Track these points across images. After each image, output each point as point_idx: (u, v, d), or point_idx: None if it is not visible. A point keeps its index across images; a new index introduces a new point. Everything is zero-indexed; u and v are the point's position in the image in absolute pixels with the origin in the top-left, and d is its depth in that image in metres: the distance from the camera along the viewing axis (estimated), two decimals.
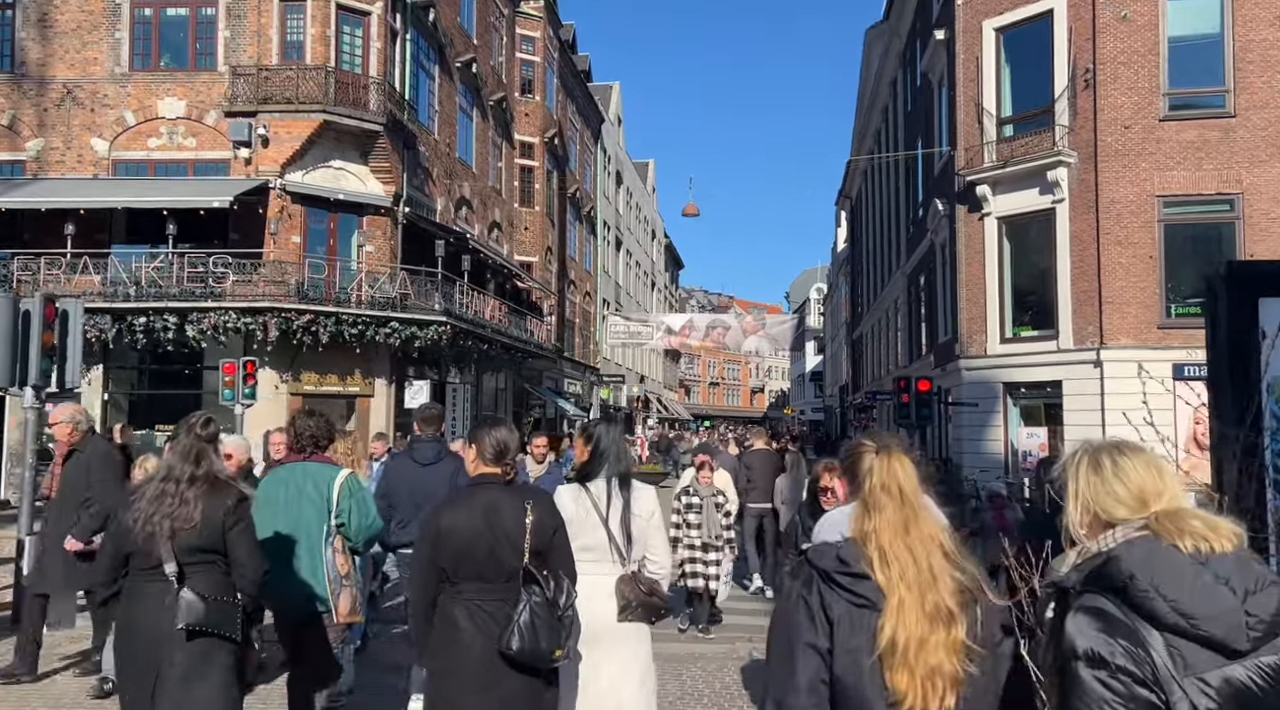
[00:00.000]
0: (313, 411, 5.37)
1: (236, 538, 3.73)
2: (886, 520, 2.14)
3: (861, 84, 41.70)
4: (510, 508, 3.39)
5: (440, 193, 24.37)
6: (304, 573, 4.84)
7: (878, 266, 38.50)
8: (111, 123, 19.97)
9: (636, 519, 3.92)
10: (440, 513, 3.43)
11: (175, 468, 3.74)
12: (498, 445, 3.53)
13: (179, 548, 3.62)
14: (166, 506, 3.63)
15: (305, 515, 4.90)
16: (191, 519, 3.63)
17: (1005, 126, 20.16)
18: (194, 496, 3.67)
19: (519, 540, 3.33)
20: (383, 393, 21.05)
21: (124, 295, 18.52)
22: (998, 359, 19.76)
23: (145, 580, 3.65)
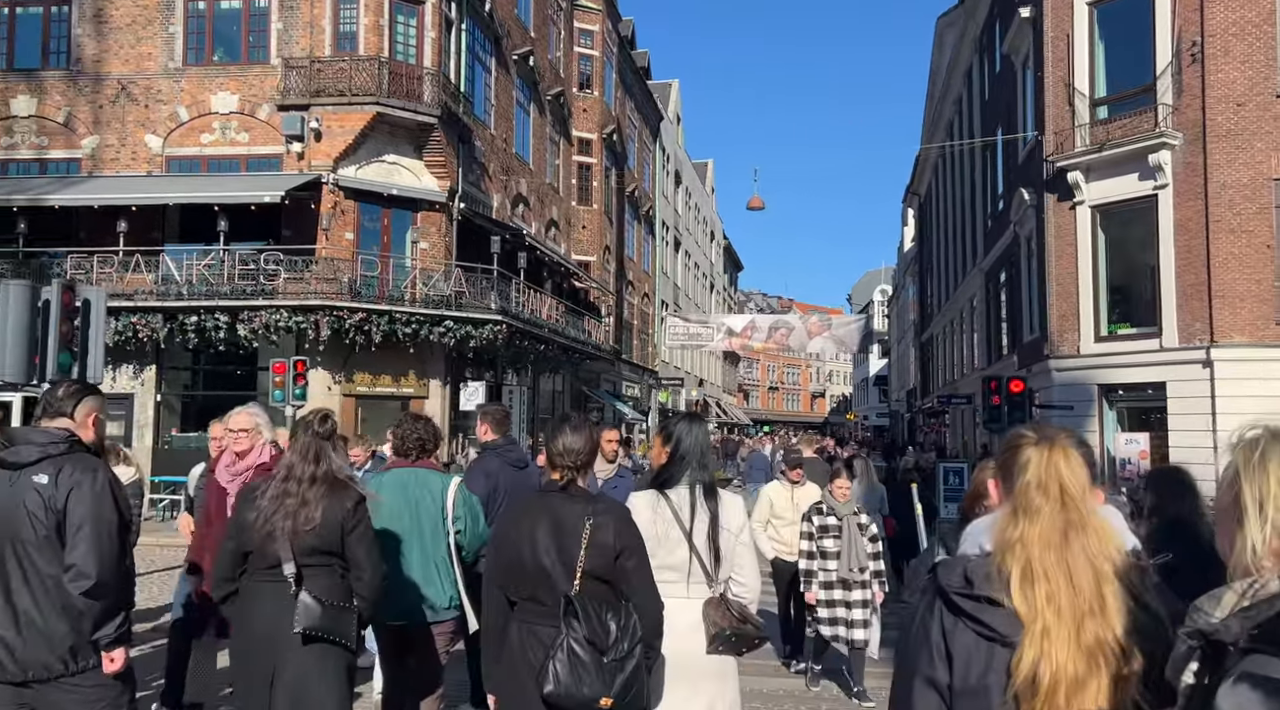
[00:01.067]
0: (418, 415, 5.17)
1: (356, 541, 3.60)
2: (1039, 528, 1.75)
3: (931, 76, 40.11)
4: (571, 522, 3.00)
5: (496, 189, 23.66)
6: (417, 580, 4.73)
7: (950, 265, 36.85)
8: (165, 119, 19.63)
9: (725, 534, 3.39)
10: (502, 522, 3.23)
11: (295, 467, 3.61)
12: (562, 449, 3.14)
13: (298, 549, 3.51)
14: (287, 506, 3.52)
15: (421, 522, 4.77)
16: (312, 520, 3.52)
17: (1099, 108, 18.68)
18: (314, 497, 3.55)
19: (573, 561, 2.95)
20: (437, 394, 20.36)
21: (176, 294, 18.11)
22: (1092, 359, 18.28)
23: (263, 580, 3.55)
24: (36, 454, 3.30)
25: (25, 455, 3.31)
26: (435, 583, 4.73)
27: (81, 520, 3.24)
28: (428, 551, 4.73)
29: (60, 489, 3.26)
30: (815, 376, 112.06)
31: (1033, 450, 1.87)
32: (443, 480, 4.88)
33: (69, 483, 3.28)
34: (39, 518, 3.23)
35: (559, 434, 3.17)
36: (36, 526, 3.23)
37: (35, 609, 3.24)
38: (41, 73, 19.94)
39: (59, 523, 3.24)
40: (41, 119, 19.86)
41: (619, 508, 3.18)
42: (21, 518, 3.24)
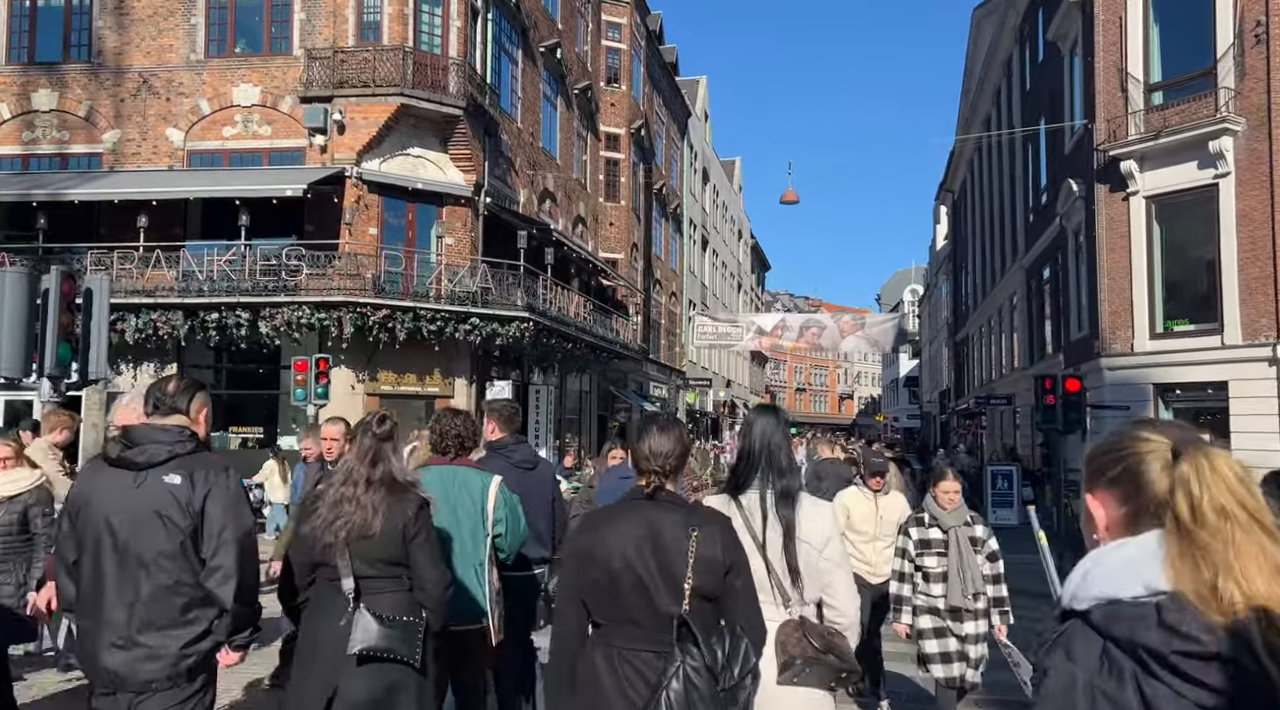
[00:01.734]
0: (456, 410, 4.83)
1: (419, 549, 3.34)
2: (1247, 561, 1.28)
3: (967, 69, 39.15)
4: (672, 533, 2.66)
5: (523, 184, 23.11)
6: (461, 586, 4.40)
7: (986, 262, 35.87)
8: (187, 112, 19.25)
9: (805, 547, 3.01)
10: (581, 532, 2.84)
11: (354, 470, 3.37)
12: (649, 452, 2.79)
13: (358, 560, 3.26)
14: (344, 514, 3.27)
15: (461, 524, 4.42)
16: (371, 527, 3.26)
17: (1154, 93, 17.80)
18: (374, 503, 3.29)
19: (679, 578, 2.61)
20: (463, 393, 19.81)
21: (197, 290, 17.70)
22: (1147, 357, 17.41)
23: (331, 591, 3.30)
24: (165, 453, 3.10)
25: (154, 455, 3.10)
26: (475, 588, 4.43)
27: (223, 523, 3.11)
28: (467, 555, 4.40)
29: (197, 491, 3.10)
30: (843, 378, 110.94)
31: (1168, 459, 1.40)
32: (483, 480, 4.51)
33: (205, 484, 3.12)
34: (173, 522, 3.06)
35: (645, 435, 2.82)
36: (170, 531, 3.06)
37: (154, 618, 3.06)
38: (63, 66, 19.62)
39: (195, 527, 3.09)
40: (62, 113, 19.54)
41: (721, 518, 2.80)
42: (152, 522, 3.05)
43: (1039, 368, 25.37)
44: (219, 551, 3.11)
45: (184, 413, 3.26)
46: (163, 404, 3.25)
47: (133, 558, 3.04)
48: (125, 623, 3.04)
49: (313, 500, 3.42)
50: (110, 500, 3.08)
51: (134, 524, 3.05)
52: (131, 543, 3.04)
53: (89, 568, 3.11)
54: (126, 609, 3.04)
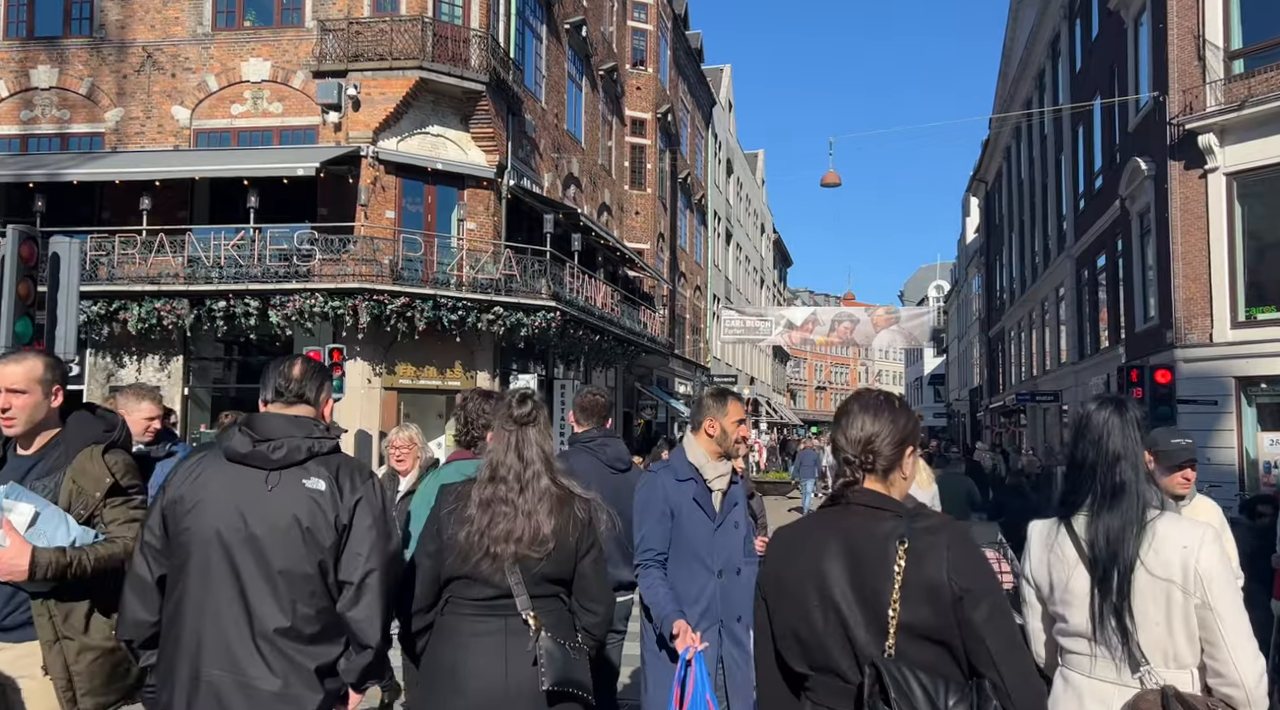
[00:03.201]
0: (488, 392, 3.95)
1: (591, 566, 2.76)
2: None
3: (1004, 55, 37.72)
4: (873, 547, 1.91)
5: (547, 168, 21.90)
6: None
7: (1026, 254, 34.42)
8: (193, 88, 18.14)
9: (1165, 588, 2.19)
10: (771, 555, 2.10)
11: (500, 464, 2.72)
12: (853, 439, 2.04)
13: (527, 576, 2.65)
14: (506, 519, 2.65)
15: None
16: (543, 538, 2.65)
17: (1235, 61, 16.41)
18: (540, 506, 2.68)
19: (881, 607, 1.87)
20: (486, 387, 18.59)
21: (204, 277, 16.59)
22: (1227, 347, 16.04)
23: (473, 618, 2.66)
24: (305, 451, 2.54)
25: (294, 452, 2.53)
26: None
27: (373, 541, 2.53)
28: None
29: (344, 499, 2.53)
30: (864, 376, 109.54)
31: None
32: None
33: (354, 492, 2.55)
34: (317, 537, 2.49)
35: (844, 415, 2.12)
36: (310, 548, 2.48)
37: (288, 658, 2.45)
38: (63, 41, 18.56)
39: (338, 545, 2.51)
40: (63, 91, 18.48)
41: (953, 526, 1.99)
42: (290, 533, 2.47)
43: (1092, 362, 23.98)
44: (368, 577, 2.49)
45: (311, 403, 2.67)
46: (284, 390, 2.65)
47: (260, 579, 2.45)
48: (244, 664, 2.42)
49: (453, 502, 2.73)
50: (232, 505, 2.46)
51: (271, 535, 2.46)
52: (260, 560, 2.45)
53: (193, 589, 2.45)
54: (249, 641, 2.43)
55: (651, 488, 3.68)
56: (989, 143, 43.15)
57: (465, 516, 2.69)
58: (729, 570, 3.63)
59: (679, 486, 3.63)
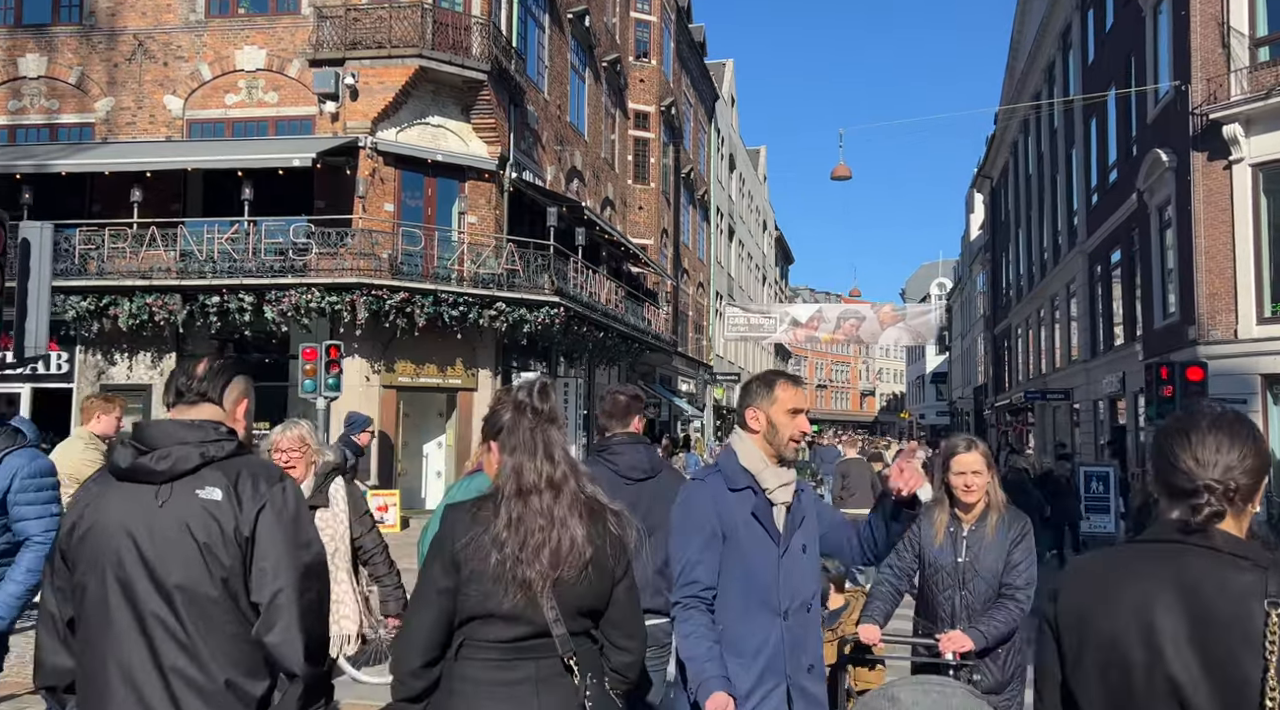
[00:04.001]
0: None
1: (626, 593, 2.31)
2: None
3: (1012, 48, 37.22)
4: (1231, 606, 1.49)
5: (549, 161, 21.39)
6: None
7: (1034, 250, 33.94)
8: (186, 78, 17.62)
9: None
10: (1075, 586, 1.68)
11: (531, 470, 2.24)
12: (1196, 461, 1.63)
13: (563, 606, 2.18)
14: (540, 531, 2.16)
15: None
16: (580, 557, 2.18)
17: (1261, 48, 15.92)
18: (575, 520, 2.21)
19: (1246, 690, 1.45)
20: (487, 386, 18.13)
21: (197, 271, 16.08)
22: (1253, 344, 15.55)
23: (496, 665, 2.18)
24: (196, 458, 2.21)
25: (181, 460, 2.20)
26: None
27: (283, 553, 2.17)
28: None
29: (245, 509, 2.18)
30: (864, 374, 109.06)
31: None
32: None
33: (255, 499, 2.20)
34: (216, 554, 2.15)
35: (1197, 434, 1.65)
36: (212, 567, 2.14)
37: (200, 695, 2.12)
38: (52, 28, 18.04)
39: (244, 559, 2.17)
40: (52, 80, 17.96)
41: None
42: (186, 553, 2.13)
43: (1106, 359, 23.51)
44: (278, 595, 2.16)
45: (216, 402, 2.39)
46: (186, 391, 2.39)
47: (162, 609, 2.14)
48: (155, 704, 2.12)
49: (470, 524, 2.25)
50: (122, 527, 2.17)
51: (163, 557, 2.15)
52: (158, 587, 2.14)
53: (94, 628, 2.18)
54: (158, 683, 2.12)
55: (697, 501, 2.89)
56: (995, 138, 42.66)
57: (493, 541, 2.20)
58: (798, 608, 2.85)
59: (733, 499, 2.84)
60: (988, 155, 45.45)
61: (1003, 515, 3.81)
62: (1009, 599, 3.69)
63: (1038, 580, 3.70)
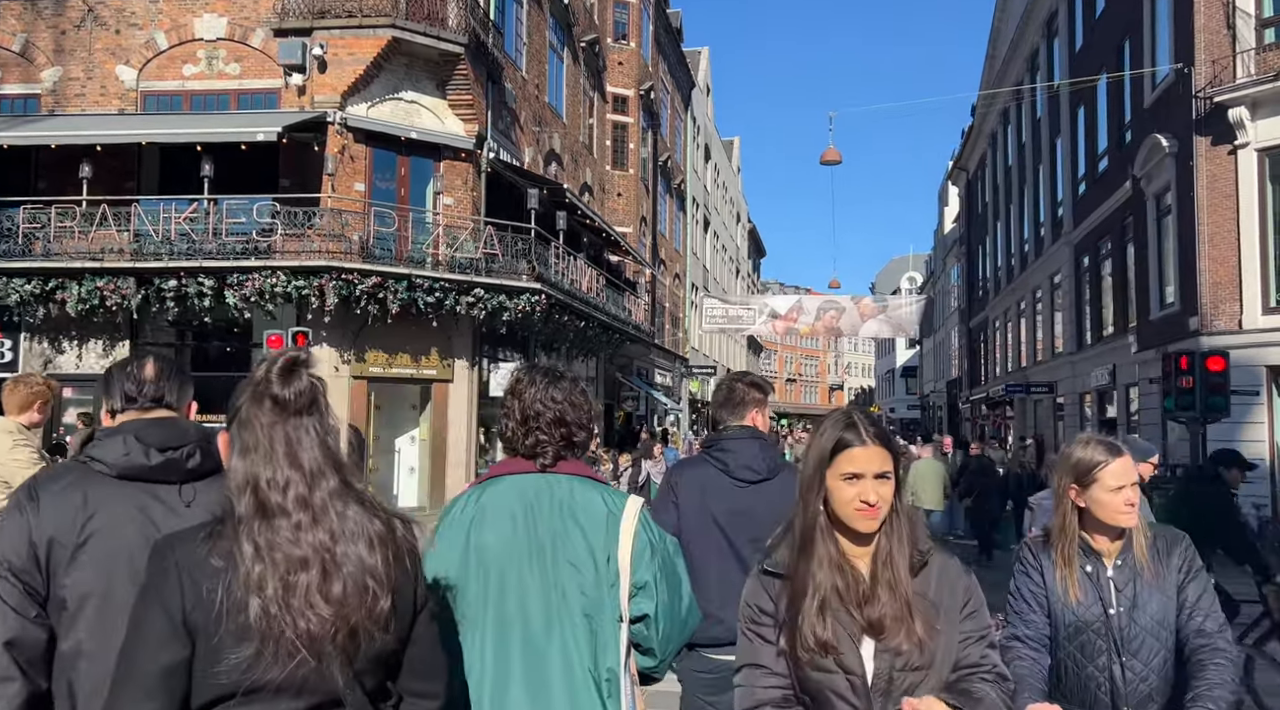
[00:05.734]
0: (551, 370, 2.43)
1: (428, 625, 1.78)
2: None
3: (992, 37, 36.85)
4: None
5: (528, 142, 20.48)
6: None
7: (1014, 242, 33.61)
8: (140, 47, 16.48)
9: None
10: None
11: (270, 483, 1.64)
12: None
13: (361, 663, 1.63)
14: (306, 566, 1.60)
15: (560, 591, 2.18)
16: (380, 590, 1.64)
17: (1268, 29, 15.47)
18: (362, 541, 1.65)
19: None
20: (463, 377, 17.23)
21: (152, 253, 15.00)
22: (1258, 335, 15.12)
23: None
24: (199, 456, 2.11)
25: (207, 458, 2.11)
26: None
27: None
28: (572, 654, 2.17)
29: None
30: (834, 368, 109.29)
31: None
32: (608, 501, 2.29)
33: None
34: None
35: None
36: None
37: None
38: None
39: None
40: None
41: None
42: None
43: (1094, 352, 23.13)
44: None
45: (174, 408, 2.26)
46: (140, 395, 2.23)
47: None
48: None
49: (205, 550, 1.61)
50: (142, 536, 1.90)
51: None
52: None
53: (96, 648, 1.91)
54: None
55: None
56: (972, 130, 42.35)
57: (245, 582, 1.57)
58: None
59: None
60: (963, 147, 45.18)
61: (1148, 536, 2.69)
62: (1211, 650, 2.54)
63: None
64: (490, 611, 2.15)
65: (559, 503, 2.23)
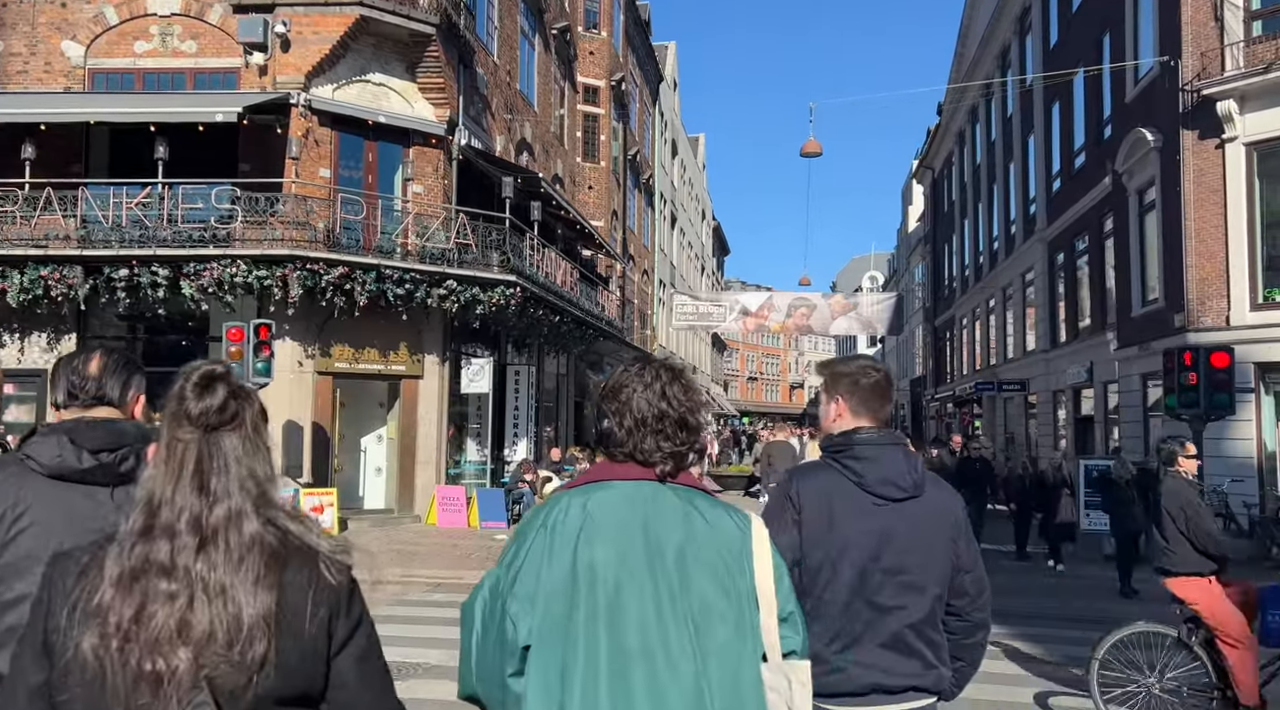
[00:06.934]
0: (653, 360, 1.99)
1: (356, 666, 1.59)
2: None
3: (961, 35, 36.85)
4: None
5: (499, 130, 19.77)
6: None
7: (982, 240, 33.59)
8: (88, 21, 15.49)
9: None
10: None
11: (167, 503, 1.53)
12: None
13: (233, 707, 1.47)
14: (169, 603, 1.46)
15: (699, 629, 1.72)
16: (252, 634, 1.46)
17: (1256, 21, 15.32)
18: (243, 577, 1.49)
19: None
20: (434, 373, 16.50)
21: (102, 240, 14.07)
22: (1247, 331, 14.96)
23: None
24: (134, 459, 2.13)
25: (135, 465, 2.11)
26: None
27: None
28: (706, 698, 1.68)
29: None
30: (794, 367, 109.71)
31: None
32: (734, 517, 1.87)
33: None
34: None
35: None
36: None
37: None
38: None
39: None
40: None
41: None
42: None
43: (1070, 349, 23.02)
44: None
45: (115, 404, 2.25)
46: (81, 391, 2.24)
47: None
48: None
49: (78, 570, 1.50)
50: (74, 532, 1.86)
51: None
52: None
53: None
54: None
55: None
56: (938, 128, 42.38)
57: (96, 611, 1.46)
58: None
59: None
60: (929, 146, 45.23)
61: None
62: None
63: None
64: (604, 645, 1.68)
65: (684, 518, 1.79)
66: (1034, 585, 11.89)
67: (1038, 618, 9.64)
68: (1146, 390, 17.87)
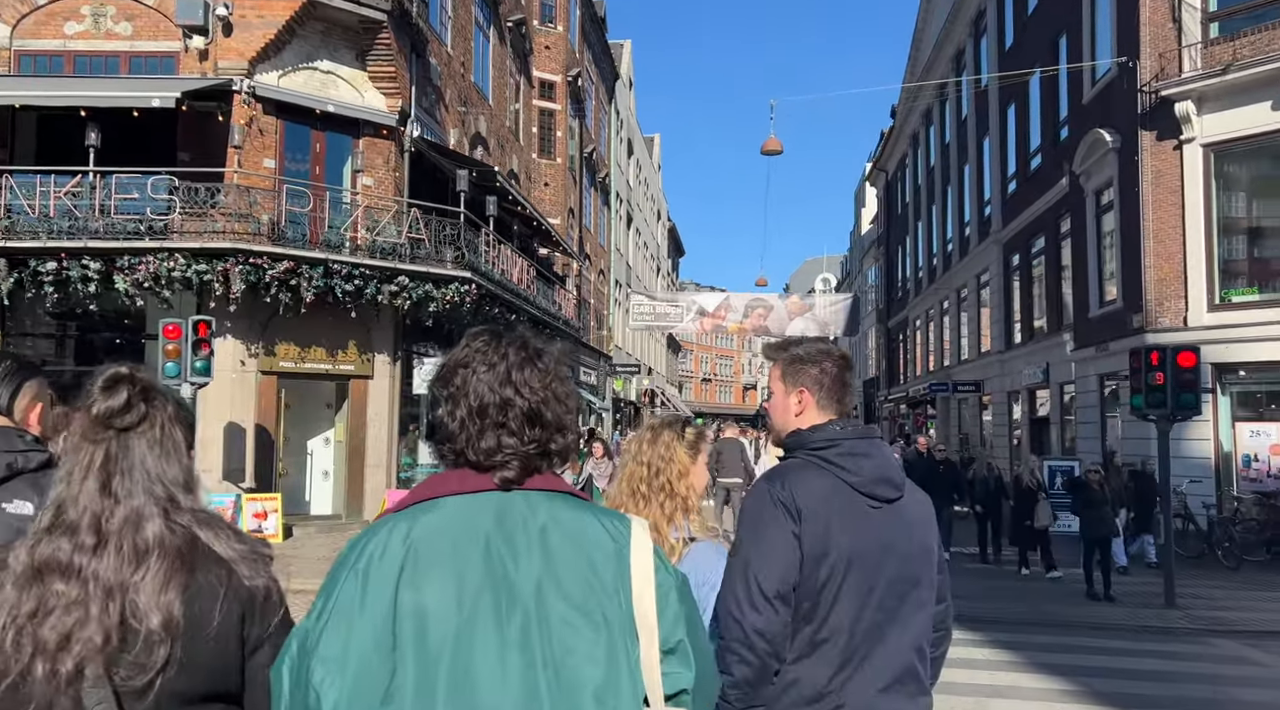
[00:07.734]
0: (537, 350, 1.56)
1: (264, 672, 1.50)
2: None
3: (915, 39, 37.05)
4: None
5: (453, 123, 19.20)
6: None
7: (936, 242, 33.77)
8: (13, 0, 14.61)
9: None
10: None
11: (73, 503, 1.54)
12: None
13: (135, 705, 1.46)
14: (65, 604, 1.47)
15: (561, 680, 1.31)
16: (152, 636, 1.46)
17: (1214, 23, 15.41)
18: (147, 577, 1.49)
19: None
20: (385, 373, 15.89)
21: (27, 231, 13.24)
22: (1204, 332, 15.00)
23: None
24: (3, 469, 2.02)
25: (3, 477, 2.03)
26: None
27: None
28: None
29: None
30: (748, 368, 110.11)
31: None
32: (606, 525, 1.43)
33: None
34: None
35: None
36: None
37: None
38: None
39: None
40: None
41: None
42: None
43: (1025, 350, 23.11)
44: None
45: (4, 411, 2.16)
46: None
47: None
48: None
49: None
50: None
51: None
52: None
53: None
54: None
55: None
56: (892, 131, 42.61)
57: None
58: None
59: None
60: (883, 149, 45.49)
61: None
62: None
63: None
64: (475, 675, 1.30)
65: (539, 536, 1.39)
66: (1001, 589, 11.72)
67: (1005, 622, 9.43)
68: (1104, 390, 17.93)
